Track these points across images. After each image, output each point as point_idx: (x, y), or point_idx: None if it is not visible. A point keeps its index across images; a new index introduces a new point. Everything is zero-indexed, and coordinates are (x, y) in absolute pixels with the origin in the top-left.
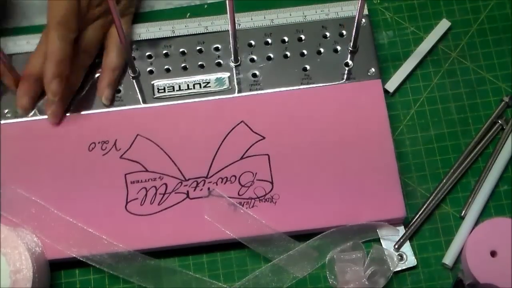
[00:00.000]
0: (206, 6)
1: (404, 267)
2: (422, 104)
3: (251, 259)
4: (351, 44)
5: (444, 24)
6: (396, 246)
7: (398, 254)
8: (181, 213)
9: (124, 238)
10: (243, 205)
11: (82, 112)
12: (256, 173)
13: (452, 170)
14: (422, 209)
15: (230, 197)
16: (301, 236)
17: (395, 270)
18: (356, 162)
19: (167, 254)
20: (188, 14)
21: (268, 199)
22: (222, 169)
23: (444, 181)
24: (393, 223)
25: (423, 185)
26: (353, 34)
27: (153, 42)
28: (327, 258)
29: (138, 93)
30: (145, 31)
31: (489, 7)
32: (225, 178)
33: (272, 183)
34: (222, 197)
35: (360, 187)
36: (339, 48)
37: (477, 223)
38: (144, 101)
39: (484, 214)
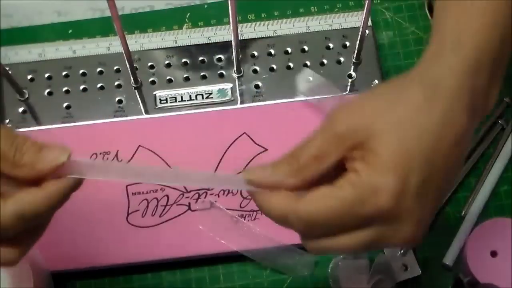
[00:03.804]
0: (206, 6)
1: (408, 276)
2: None
3: (253, 271)
4: (355, 56)
5: None
6: (402, 251)
7: (402, 264)
8: (183, 225)
9: (125, 250)
10: (244, 218)
11: (84, 123)
12: None
13: None
14: None
15: (232, 209)
16: (303, 249)
17: (399, 280)
18: None
19: (168, 267)
20: (188, 14)
21: None
22: None
23: None
24: None
25: None
26: (357, 45)
27: (156, 52)
28: (330, 266)
29: (140, 104)
30: (147, 41)
31: None
32: (227, 190)
33: None
34: (223, 210)
35: None
36: (342, 59)
37: (477, 223)
38: (146, 112)
39: (484, 214)
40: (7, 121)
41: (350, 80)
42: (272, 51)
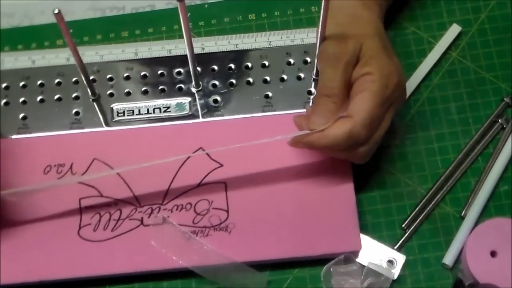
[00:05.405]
0: (206, 5)
1: (400, 267)
2: (422, 104)
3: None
4: (315, 72)
5: (454, 29)
6: (396, 247)
7: (388, 261)
8: (135, 240)
9: (76, 264)
10: (197, 234)
11: (39, 134)
12: (212, 201)
13: (450, 169)
14: (419, 209)
15: (184, 225)
16: (256, 266)
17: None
18: (314, 194)
19: (121, 281)
20: (189, 13)
21: (222, 228)
22: (178, 196)
23: (442, 180)
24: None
25: (423, 185)
26: (316, 61)
27: (115, 64)
28: (322, 272)
29: (97, 116)
30: (107, 52)
31: (490, 7)
32: (181, 206)
33: (227, 211)
34: (175, 226)
35: (317, 219)
36: (302, 75)
37: (477, 223)
38: (103, 125)
39: (484, 214)
40: None
41: (310, 96)
42: (233, 66)
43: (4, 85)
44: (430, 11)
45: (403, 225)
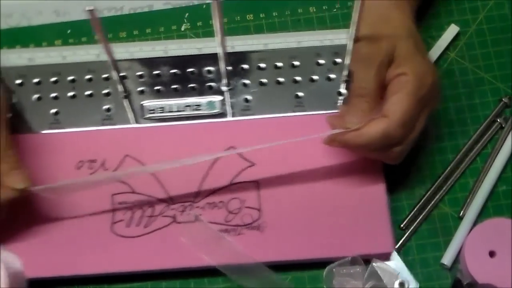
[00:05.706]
0: (204, 6)
1: None
2: None
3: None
4: (344, 73)
5: (452, 30)
6: (396, 248)
7: (400, 283)
8: (167, 237)
9: (109, 259)
10: (229, 232)
11: (71, 130)
12: (245, 200)
13: (448, 170)
14: (417, 209)
15: (217, 223)
16: (288, 266)
17: None
18: (347, 194)
19: (152, 278)
20: (187, 14)
21: (255, 227)
22: (210, 194)
23: (440, 180)
24: (381, 257)
25: (422, 185)
26: (346, 62)
27: (146, 62)
28: (324, 273)
29: (128, 113)
30: (138, 50)
31: (488, 7)
32: (213, 204)
33: (260, 211)
34: (207, 224)
35: (349, 220)
36: (332, 76)
37: (475, 223)
38: (134, 121)
39: (482, 214)
40: None
41: (340, 97)
42: (263, 65)
43: (36, 80)
44: (428, 12)
45: (402, 226)
